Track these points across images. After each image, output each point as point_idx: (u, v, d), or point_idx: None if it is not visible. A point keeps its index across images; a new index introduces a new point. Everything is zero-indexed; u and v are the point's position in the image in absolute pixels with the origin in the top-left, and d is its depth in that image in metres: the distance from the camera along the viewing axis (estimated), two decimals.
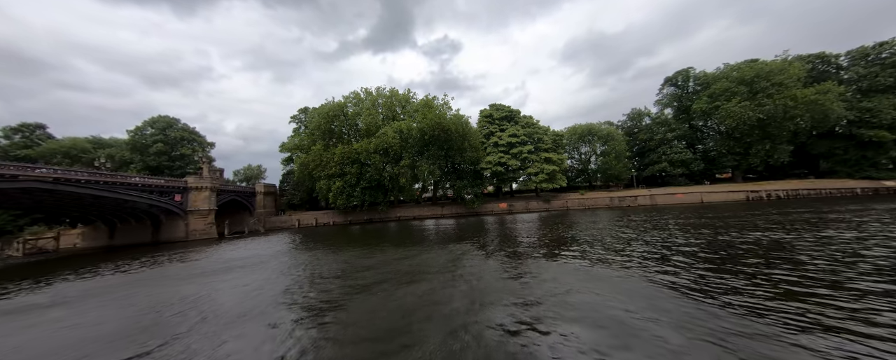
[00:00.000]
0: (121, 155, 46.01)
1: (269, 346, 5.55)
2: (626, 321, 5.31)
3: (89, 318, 8.09)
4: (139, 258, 20.26)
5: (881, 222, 13.70)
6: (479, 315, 6.14)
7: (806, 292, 6.21)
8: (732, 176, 47.59)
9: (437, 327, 5.72)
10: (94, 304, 9.63)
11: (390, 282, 9.17)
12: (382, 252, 14.81)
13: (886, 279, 6.63)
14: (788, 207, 24.26)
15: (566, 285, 7.67)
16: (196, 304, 8.58)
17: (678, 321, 5.21)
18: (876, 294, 5.80)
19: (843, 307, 5.39)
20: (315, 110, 46.60)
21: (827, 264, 7.92)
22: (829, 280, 6.74)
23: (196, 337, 6.24)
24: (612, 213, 29.72)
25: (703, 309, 5.70)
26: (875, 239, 9.97)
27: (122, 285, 12.56)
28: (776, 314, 5.25)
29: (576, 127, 51.91)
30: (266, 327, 6.47)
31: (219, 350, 5.49)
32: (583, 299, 6.67)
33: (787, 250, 9.57)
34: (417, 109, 44.53)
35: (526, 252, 12.44)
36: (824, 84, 37.98)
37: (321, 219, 46.53)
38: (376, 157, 40.78)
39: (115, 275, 14.92)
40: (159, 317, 7.71)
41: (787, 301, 5.76)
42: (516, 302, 6.75)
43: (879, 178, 37.55)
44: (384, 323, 6.24)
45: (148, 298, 9.71)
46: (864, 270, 7.36)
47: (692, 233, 14.18)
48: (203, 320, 7.24)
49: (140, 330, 6.86)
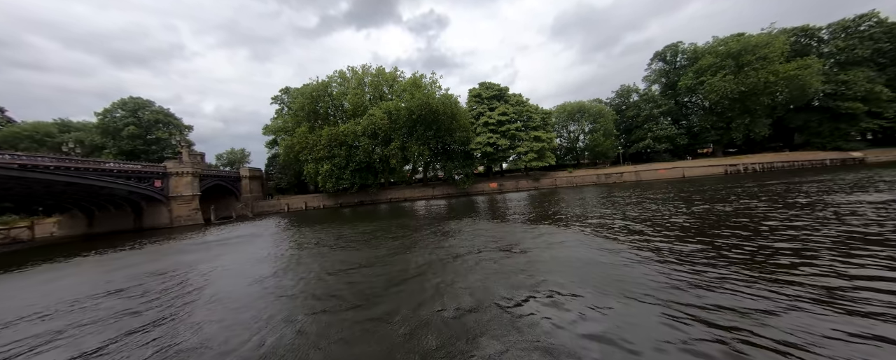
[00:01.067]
0: (91, 139, 43.31)
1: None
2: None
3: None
4: (126, 244, 19.77)
5: (828, 190, 14.26)
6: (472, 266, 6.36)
7: (745, 249, 6.74)
8: (713, 151, 49.17)
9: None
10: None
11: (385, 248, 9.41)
12: (376, 235, 14.94)
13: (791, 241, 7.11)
14: (762, 179, 25.40)
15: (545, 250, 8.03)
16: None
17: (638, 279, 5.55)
18: (788, 251, 6.24)
19: (762, 262, 5.86)
20: (298, 91, 44.69)
21: (766, 227, 8.46)
22: (762, 239, 7.30)
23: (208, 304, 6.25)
24: (598, 189, 30.46)
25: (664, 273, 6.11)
26: (809, 209, 10.27)
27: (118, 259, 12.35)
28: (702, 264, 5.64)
29: (565, 105, 51.82)
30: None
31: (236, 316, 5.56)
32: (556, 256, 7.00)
33: (738, 217, 10.19)
34: (405, 88, 43.26)
35: (512, 225, 12.86)
36: (805, 59, 38.69)
37: (311, 203, 46.05)
38: (365, 139, 39.94)
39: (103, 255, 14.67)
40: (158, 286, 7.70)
41: (729, 257, 6.26)
42: (499, 259, 7.04)
43: (848, 149, 39.48)
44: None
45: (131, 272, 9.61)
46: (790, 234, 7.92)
47: (665, 205, 14.77)
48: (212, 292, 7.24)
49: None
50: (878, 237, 6.40)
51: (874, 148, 40.26)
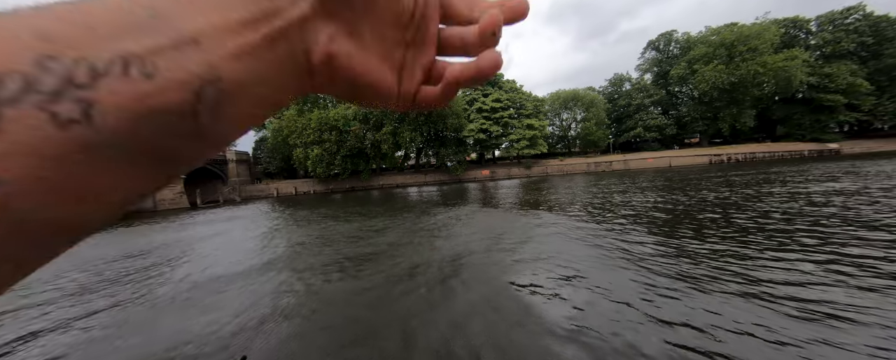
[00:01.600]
0: None
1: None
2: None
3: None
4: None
5: (798, 180, 14.96)
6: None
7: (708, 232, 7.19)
8: (700, 141, 50.37)
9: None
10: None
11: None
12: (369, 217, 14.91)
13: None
14: (742, 168, 26.34)
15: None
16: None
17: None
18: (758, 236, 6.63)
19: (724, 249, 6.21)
20: None
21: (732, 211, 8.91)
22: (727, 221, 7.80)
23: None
24: (587, 177, 30.98)
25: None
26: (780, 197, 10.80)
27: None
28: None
29: (559, 93, 51.64)
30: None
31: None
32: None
33: (710, 205, 10.70)
34: None
35: (504, 210, 13.04)
36: (792, 51, 39.31)
37: (300, 188, 45.36)
38: (356, 123, 39.07)
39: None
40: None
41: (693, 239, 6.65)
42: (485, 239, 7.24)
43: (825, 140, 41.09)
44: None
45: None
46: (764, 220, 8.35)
47: (649, 193, 15.23)
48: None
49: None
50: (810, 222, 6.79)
51: (849, 140, 42.08)
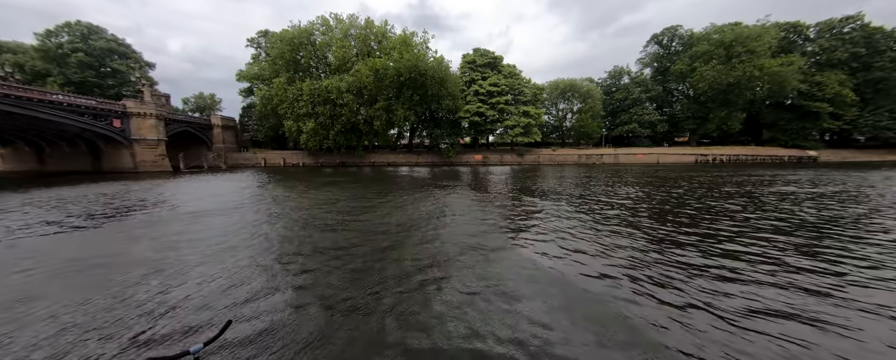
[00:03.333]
0: (32, 64, 37.83)
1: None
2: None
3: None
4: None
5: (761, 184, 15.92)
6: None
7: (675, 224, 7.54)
8: (689, 140, 51.36)
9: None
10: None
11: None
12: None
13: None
14: (725, 169, 27.25)
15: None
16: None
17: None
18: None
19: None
20: (277, 36, 40.62)
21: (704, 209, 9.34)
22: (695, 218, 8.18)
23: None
24: (578, 169, 31.44)
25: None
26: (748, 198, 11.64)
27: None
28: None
29: (558, 82, 51.08)
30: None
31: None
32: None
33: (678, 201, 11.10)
34: (394, 46, 40.49)
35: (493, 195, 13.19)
36: (789, 56, 39.69)
37: (290, 159, 44.45)
38: (349, 96, 37.88)
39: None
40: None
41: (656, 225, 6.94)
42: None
43: (806, 147, 42.55)
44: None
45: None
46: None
47: (632, 188, 15.62)
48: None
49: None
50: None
51: (828, 149, 43.68)
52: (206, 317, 3.56)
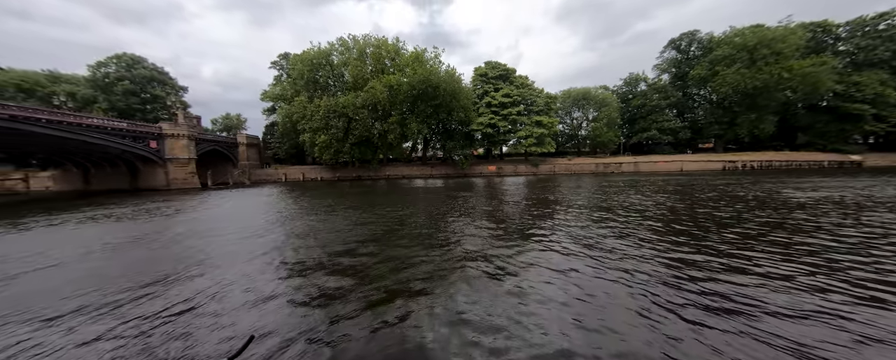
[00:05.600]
0: (82, 93, 41.88)
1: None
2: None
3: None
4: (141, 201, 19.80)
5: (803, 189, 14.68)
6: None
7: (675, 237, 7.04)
8: (714, 146, 48.96)
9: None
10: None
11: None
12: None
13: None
14: (757, 176, 25.57)
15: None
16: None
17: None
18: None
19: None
20: (297, 57, 43.07)
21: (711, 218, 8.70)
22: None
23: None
24: (595, 179, 30.54)
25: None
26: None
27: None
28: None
29: (570, 91, 50.66)
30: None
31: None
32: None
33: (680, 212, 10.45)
34: (407, 62, 41.86)
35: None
36: (821, 56, 37.56)
37: (308, 174, 45.95)
38: (364, 112, 39.16)
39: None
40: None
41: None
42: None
43: (847, 152, 39.43)
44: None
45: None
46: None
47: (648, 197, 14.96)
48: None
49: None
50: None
51: (874, 152, 40.28)
52: (227, 332, 3.61)
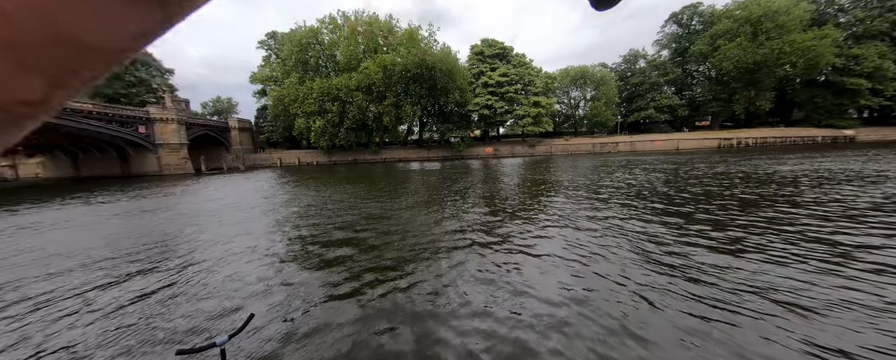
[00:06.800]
0: None
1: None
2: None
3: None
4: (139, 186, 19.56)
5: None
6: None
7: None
8: (711, 123, 48.97)
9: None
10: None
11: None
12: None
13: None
14: (750, 153, 25.78)
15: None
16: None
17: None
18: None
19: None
20: (286, 36, 41.34)
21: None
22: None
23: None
24: (591, 159, 30.59)
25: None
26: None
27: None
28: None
29: (568, 69, 49.60)
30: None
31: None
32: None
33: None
34: (401, 41, 40.37)
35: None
36: (823, 29, 36.78)
37: (304, 158, 45.47)
38: (358, 94, 38.19)
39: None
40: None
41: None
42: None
43: (841, 127, 39.68)
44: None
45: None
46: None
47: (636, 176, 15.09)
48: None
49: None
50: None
51: (867, 127, 40.60)
52: (228, 310, 3.68)
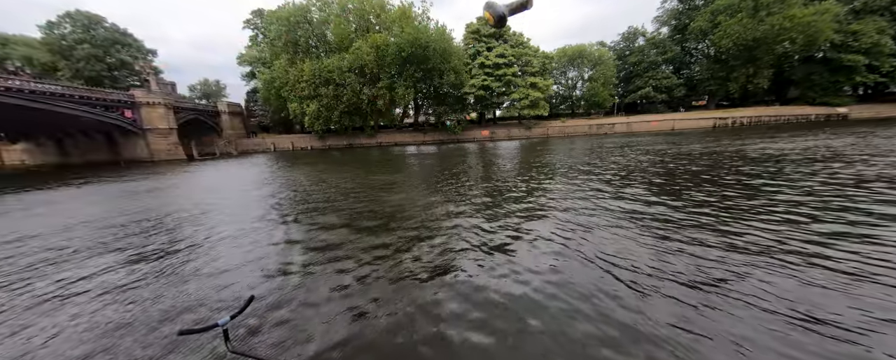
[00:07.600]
0: (39, 58, 38.10)
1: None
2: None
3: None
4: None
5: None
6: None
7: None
8: (708, 103, 48.84)
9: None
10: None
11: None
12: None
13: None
14: (743, 132, 25.92)
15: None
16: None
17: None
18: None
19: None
20: (273, 14, 39.43)
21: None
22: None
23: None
24: (588, 140, 30.53)
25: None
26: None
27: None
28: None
29: (566, 49, 48.43)
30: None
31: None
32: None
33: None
34: (394, 19, 38.81)
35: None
36: (823, 4, 36.05)
37: (298, 143, 44.76)
38: (351, 76, 37.09)
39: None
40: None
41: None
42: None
43: (835, 104, 39.84)
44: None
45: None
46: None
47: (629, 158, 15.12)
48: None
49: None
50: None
51: (860, 104, 40.84)
52: (228, 292, 3.69)
